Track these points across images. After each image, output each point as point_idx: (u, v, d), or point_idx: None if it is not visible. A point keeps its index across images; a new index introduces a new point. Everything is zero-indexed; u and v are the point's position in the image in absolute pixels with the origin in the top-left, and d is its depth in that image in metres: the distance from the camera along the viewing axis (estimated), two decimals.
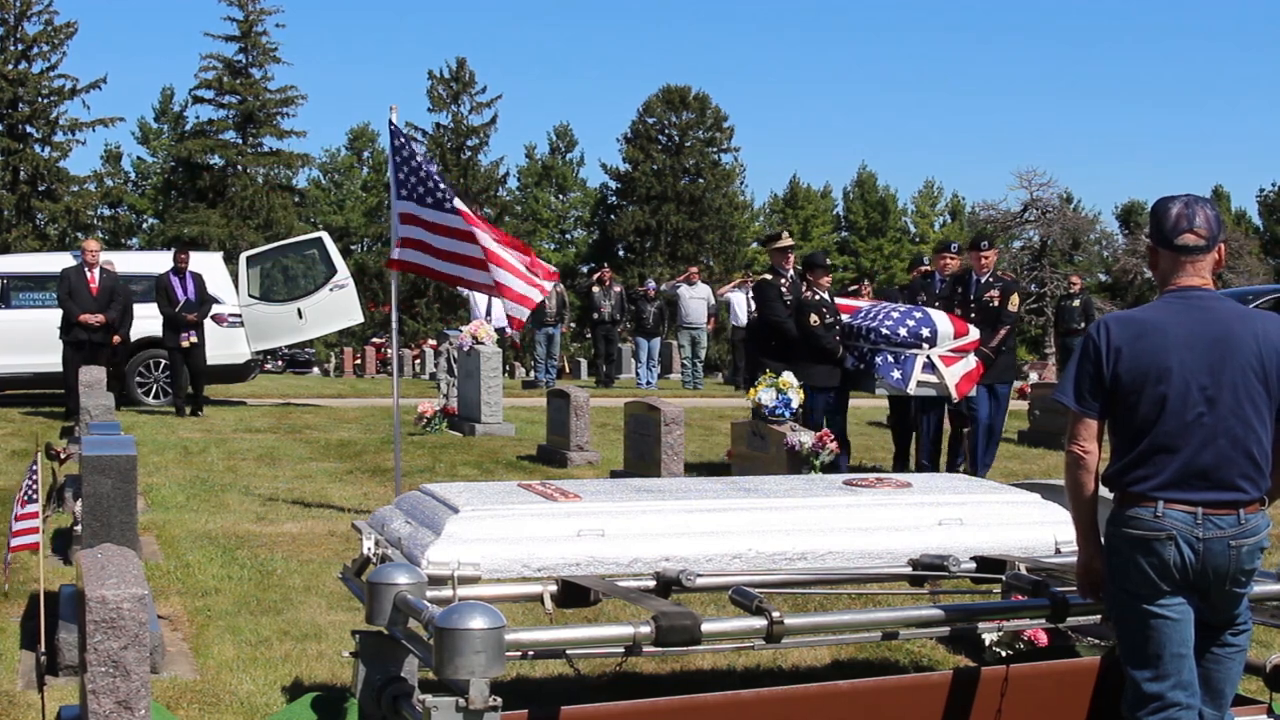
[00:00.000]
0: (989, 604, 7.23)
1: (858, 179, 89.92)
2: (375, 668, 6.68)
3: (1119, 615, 6.13)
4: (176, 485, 15.57)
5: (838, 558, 7.26)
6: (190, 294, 21.06)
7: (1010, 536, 7.51)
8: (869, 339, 15.27)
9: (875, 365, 15.27)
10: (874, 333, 15.19)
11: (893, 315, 15.38)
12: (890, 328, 15.12)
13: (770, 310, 15.94)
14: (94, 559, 6.70)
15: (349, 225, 78.00)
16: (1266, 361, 5.92)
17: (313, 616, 9.98)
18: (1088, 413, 6.05)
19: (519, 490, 7.67)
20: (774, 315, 15.85)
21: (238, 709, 7.96)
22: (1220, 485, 5.88)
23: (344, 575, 7.71)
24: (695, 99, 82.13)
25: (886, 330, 15.13)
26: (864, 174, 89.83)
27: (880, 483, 8.39)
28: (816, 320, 15.52)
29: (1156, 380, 5.89)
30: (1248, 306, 6.50)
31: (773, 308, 15.87)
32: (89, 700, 6.13)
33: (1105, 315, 6.46)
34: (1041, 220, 74.96)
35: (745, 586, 6.76)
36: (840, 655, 8.72)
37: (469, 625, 5.79)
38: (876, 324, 15.30)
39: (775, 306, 15.77)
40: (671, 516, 7.26)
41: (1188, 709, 5.92)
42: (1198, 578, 5.90)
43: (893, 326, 15.13)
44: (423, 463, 17.53)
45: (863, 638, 7.49)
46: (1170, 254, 6.12)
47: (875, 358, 15.27)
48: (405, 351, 46.54)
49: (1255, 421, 5.91)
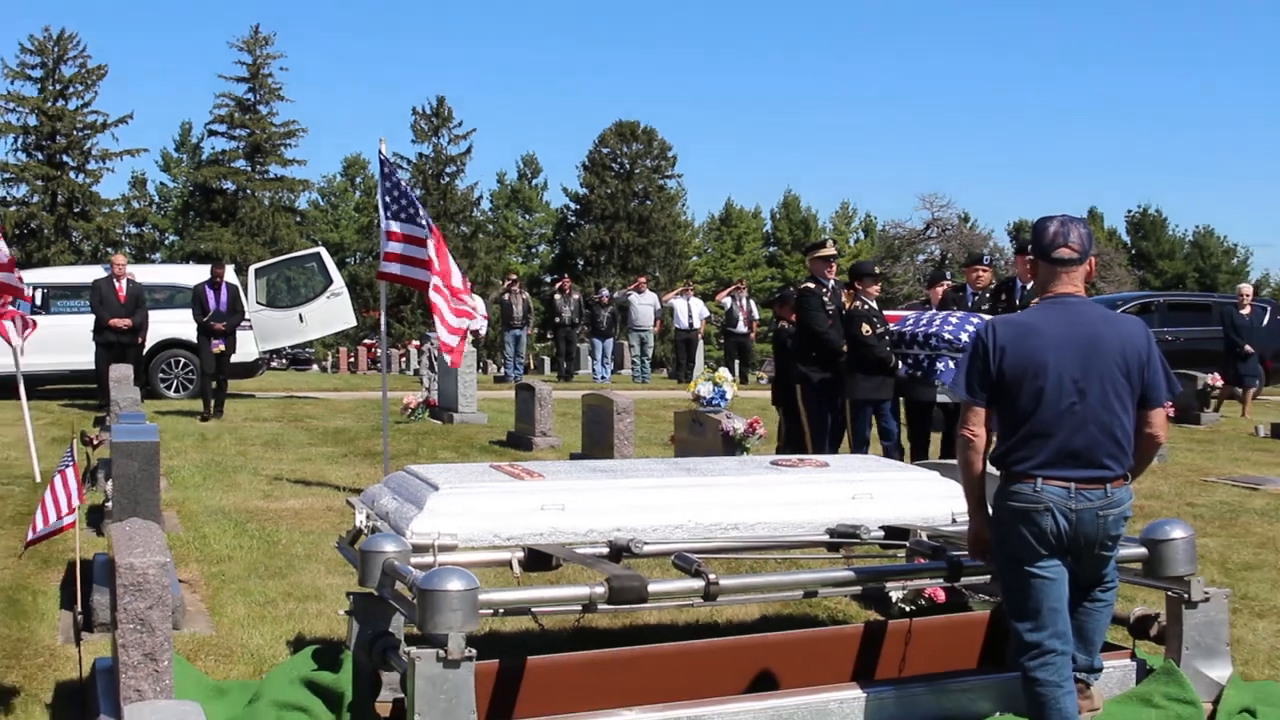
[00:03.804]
0: (895, 566, 7.27)
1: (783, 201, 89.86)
2: (367, 624, 6.70)
3: (1004, 575, 6.20)
4: (194, 467, 15.54)
5: (766, 527, 7.29)
6: (222, 305, 20.90)
7: (913, 509, 7.54)
8: (929, 345, 13.83)
9: (937, 371, 13.78)
10: (935, 338, 13.76)
11: (951, 320, 14.04)
12: (952, 332, 13.69)
13: (813, 320, 14.09)
14: (123, 531, 6.70)
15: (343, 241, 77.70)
16: (1128, 358, 6.02)
17: (313, 580, 9.98)
18: (977, 402, 6.13)
19: (491, 470, 7.68)
20: (817, 325, 14.04)
21: (248, 660, 7.96)
22: (1090, 464, 5.96)
23: (340, 544, 7.73)
24: (643, 132, 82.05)
25: (949, 335, 13.66)
26: (789, 197, 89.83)
27: (802, 463, 8.40)
28: (868, 329, 14.01)
29: (1035, 375, 5.97)
30: (1114, 311, 6.59)
31: (815, 318, 14.09)
32: (119, 653, 6.14)
33: (992, 319, 6.54)
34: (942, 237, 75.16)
35: (686, 553, 6.80)
36: (768, 611, 8.76)
37: (448, 587, 5.84)
38: (937, 329, 13.88)
39: (818, 316, 14.08)
40: (622, 493, 7.28)
41: (1062, 655, 6.00)
42: (1071, 543, 5.99)
43: (954, 331, 13.71)
44: (408, 447, 17.51)
45: (787, 596, 7.53)
46: (1048, 265, 6.21)
47: (937, 364, 13.78)
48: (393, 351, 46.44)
49: (1119, 409, 6.00)
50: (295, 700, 6.64)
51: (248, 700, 6.86)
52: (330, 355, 53.60)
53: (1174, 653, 6.98)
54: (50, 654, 8.09)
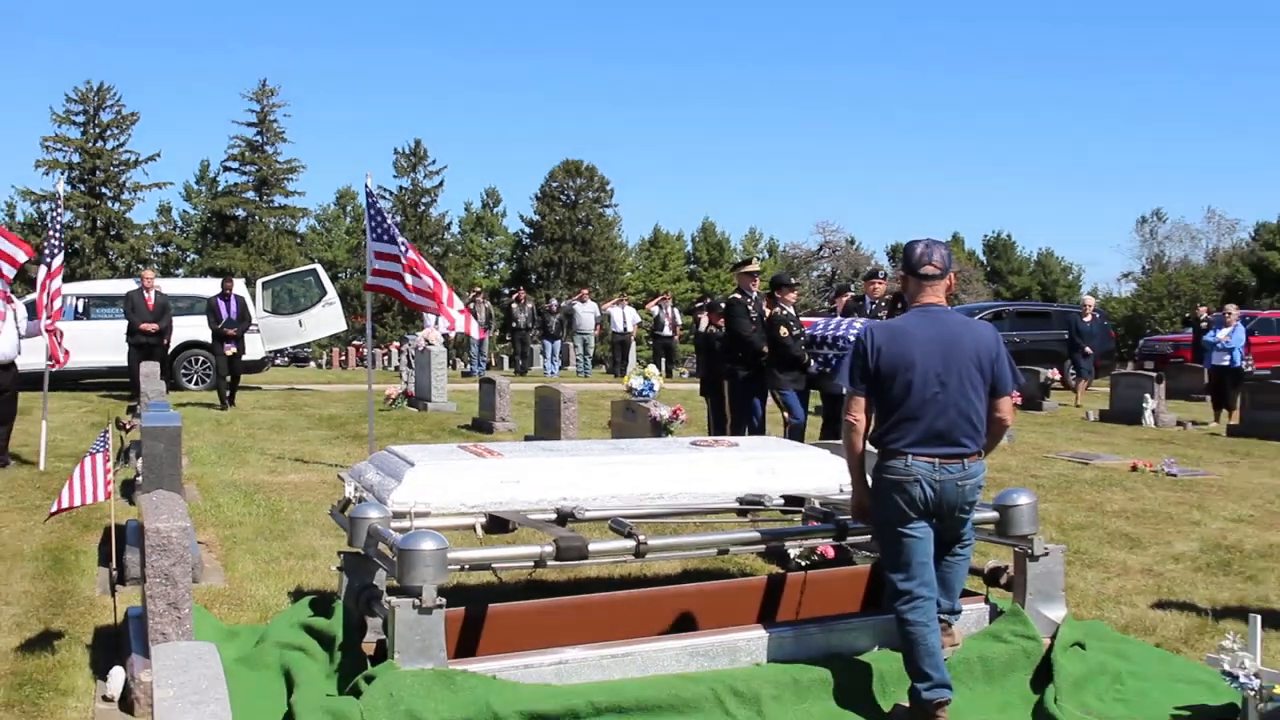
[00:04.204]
0: (793, 528, 7.28)
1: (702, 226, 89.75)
2: (355, 578, 6.68)
3: (881, 535, 6.23)
4: (211, 448, 15.44)
5: (687, 497, 7.29)
6: (233, 313, 20.79)
7: (808, 481, 7.56)
8: (836, 346, 13.79)
9: None
10: (842, 340, 13.71)
11: (855, 325, 13.72)
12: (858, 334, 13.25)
13: (739, 325, 14.13)
14: (151, 501, 6.66)
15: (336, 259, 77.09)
16: (981, 356, 6.09)
17: (309, 541, 9.94)
18: (858, 392, 6.17)
19: (458, 450, 7.66)
20: (742, 330, 14.08)
21: (255, 608, 7.93)
22: (951, 443, 6.01)
23: (332, 512, 7.70)
24: (586, 169, 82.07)
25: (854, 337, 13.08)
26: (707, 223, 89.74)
27: (716, 444, 8.40)
28: (786, 332, 13.99)
29: (905, 370, 6.02)
30: (970, 318, 6.64)
31: (741, 323, 14.11)
32: (148, 603, 6.11)
33: (871, 324, 6.58)
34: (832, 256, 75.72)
35: (620, 518, 6.80)
36: (688, 566, 8.78)
37: (422, 546, 5.83)
38: (843, 333, 13.87)
39: (743, 322, 14.10)
40: (568, 469, 7.26)
41: (929, 600, 6.04)
42: (935, 508, 6.04)
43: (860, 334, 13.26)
44: (389, 430, 17.44)
45: (704, 554, 7.55)
46: (916, 280, 6.29)
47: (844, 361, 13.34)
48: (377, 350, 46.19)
49: (974, 398, 6.06)
50: (295, 641, 6.62)
51: (255, 641, 6.85)
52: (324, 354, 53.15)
53: (1020, 598, 7.03)
54: (90, 603, 8.07)
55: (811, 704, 6.13)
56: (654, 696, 5.86)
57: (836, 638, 6.61)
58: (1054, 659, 6.55)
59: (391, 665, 5.70)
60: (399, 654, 5.73)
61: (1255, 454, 16.87)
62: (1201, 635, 7.66)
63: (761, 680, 6.11)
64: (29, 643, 7.16)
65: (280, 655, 6.52)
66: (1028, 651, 6.63)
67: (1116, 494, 12.99)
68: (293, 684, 6.16)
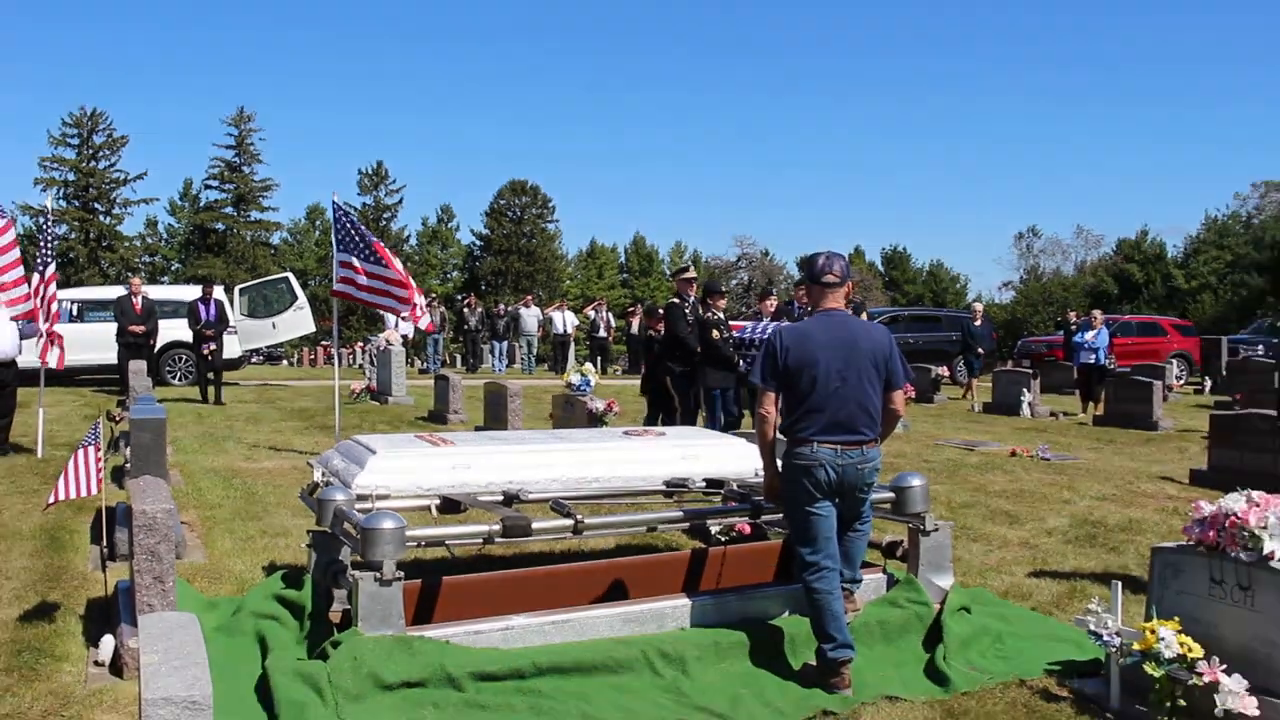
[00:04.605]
0: (714, 508, 7.30)
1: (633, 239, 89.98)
2: (323, 554, 6.64)
3: (790, 513, 6.26)
4: (193, 437, 15.27)
5: (619, 480, 7.29)
6: (211, 316, 20.60)
7: (727, 466, 7.58)
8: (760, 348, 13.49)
9: None
10: None
11: None
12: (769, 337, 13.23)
13: (677, 328, 13.81)
14: (138, 485, 6.59)
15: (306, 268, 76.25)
16: (876, 355, 6.14)
17: (282, 521, 9.86)
18: (769, 388, 6.20)
19: (415, 439, 7.63)
20: (679, 332, 13.82)
21: (233, 581, 7.85)
22: (851, 431, 6.05)
23: (302, 495, 7.64)
24: (530, 188, 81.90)
25: None
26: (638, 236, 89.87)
27: (646, 433, 8.43)
28: (717, 335, 13.84)
29: (810, 367, 6.05)
30: (867, 321, 6.69)
31: (678, 326, 13.85)
32: (135, 577, 6.04)
33: (780, 327, 6.62)
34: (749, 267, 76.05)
35: (560, 499, 6.80)
36: (621, 542, 8.78)
37: (382, 525, 5.81)
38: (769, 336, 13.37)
39: (680, 325, 13.85)
40: (514, 455, 7.26)
41: (833, 570, 6.08)
42: (838, 489, 6.07)
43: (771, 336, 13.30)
44: (353, 421, 17.33)
45: (634, 531, 7.55)
46: (818, 288, 6.33)
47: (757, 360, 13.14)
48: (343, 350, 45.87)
49: (871, 391, 6.10)
50: (269, 611, 6.58)
51: (233, 611, 6.79)
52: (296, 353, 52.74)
53: (913, 568, 7.09)
54: (83, 578, 7.98)
55: (730, 664, 6.15)
56: (590, 658, 5.87)
57: (752, 605, 6.64)
58: (943, 622, 6.61)
59: (355, 632, 5.68)
60: (362, 622, 5.71)
61: (1117, 441, 17.11)
62: (1071, 599, 7.75)
63: (686, 643, 6.13)
64: (27, 613, 7.08)
65: (255, 623, 6.48)
66: (920, 615, 6.69)
67: (998, 476, 13.13)
68: (267, 649, 6.13)
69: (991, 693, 5.96)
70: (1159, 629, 5.54)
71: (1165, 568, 5.97)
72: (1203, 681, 5.33)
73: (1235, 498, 5.68)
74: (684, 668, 6.01)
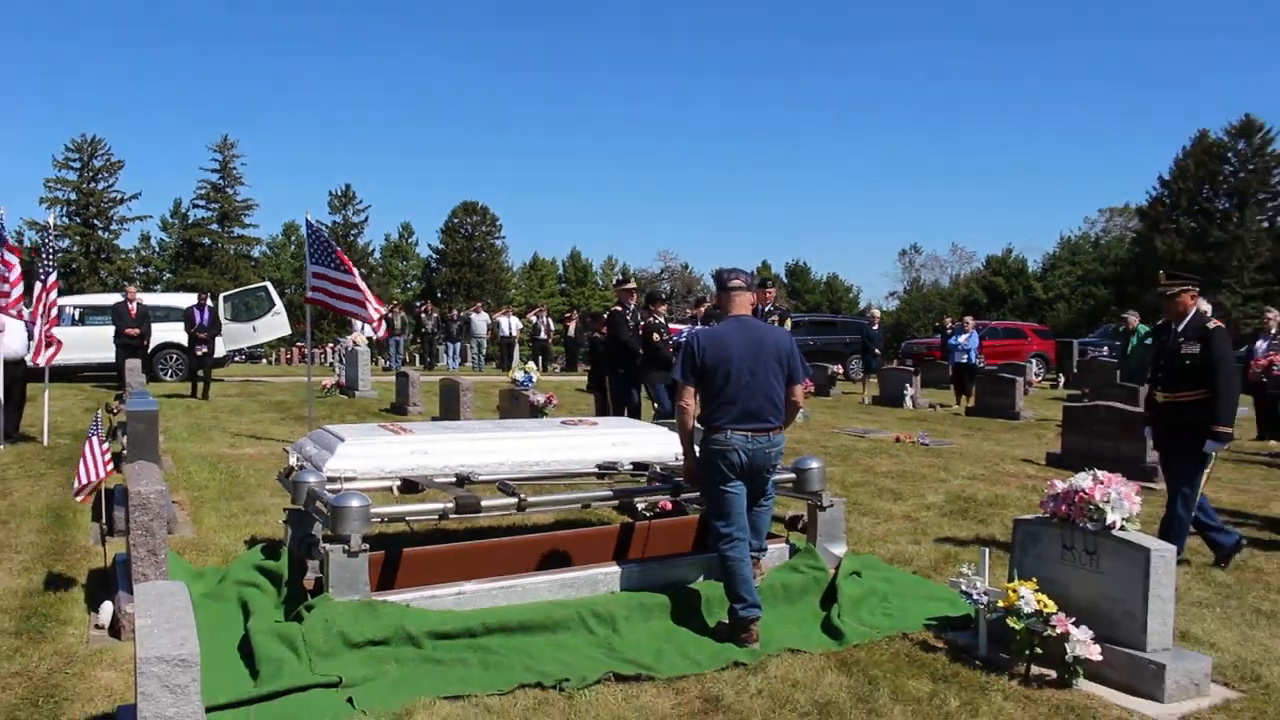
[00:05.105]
0: (640, 488, 7.31)
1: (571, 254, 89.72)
2: (298, 529, 6.57)
3: (707, 492, 6.29)
4: (182, 427, 15.03)
5: (558, 464, 7.28)
6: (205, 320, 20.25)
7: (652, 451, 7.59)
8: None
9: None
10: None
11: None
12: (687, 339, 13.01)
13: (620, 333, 13.53)
14: (134, 469, 6.49)
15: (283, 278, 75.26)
16: (779, 354, 6.18)
17: (262, 501, 9.74)
18: (688, 383, 6.22)
19: (379, 428, 7.58)
20: (622, 336, 13.48)
21: (219, 554, 7.75)
22: (759, 420, 6.08)
23: (280, 477, 7.56)
24: (480, 208, 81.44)
25: None
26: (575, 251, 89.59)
27: (581, 423, 8.43)
28: (658, 338, 13.60)
29: (724, 364, 6.08)
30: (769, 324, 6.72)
31: (621, 330, 13.52)
32: (131, 550, 5.95)
33: (697, 330, 6.66)
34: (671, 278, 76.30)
35: (506, 480, 6.79)
36: (559, 517, 8.75)
37: (350, 504, 5.78)
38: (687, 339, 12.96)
39: (623, 330, 13.52)
40: (466, 442, 7.23)
41: (743, 540, 6.11)
42: (748, 470, 6.11)
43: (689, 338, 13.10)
44: (324, 413, 17.13)
45: (571, 507, 7.55)
46: (726, 295, 6.39)
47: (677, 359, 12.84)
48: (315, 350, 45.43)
49: (776, 385, 6.15)
50: (250, 579, 6.52)
51: (218, 580, 6.72)
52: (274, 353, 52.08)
53: (812, 539, 7.14)
54: (85, 551, 7.87)
55: (655, 623, 6.17)
56: (532, 618, 5.87)
57: (673, 572, 6.65)
58: (837, 584, 6.67)
59: (326, 597, 5.64)
60: (332, 588, 5.68)
61: (986, 429, 17.34)
62: (946, 564, 7.84)
63: (616, 605, 6.14)
64: (35, 583, 6.97)
65: (238, 591, 6.42)
66: (818, 580, 6.74)
67: (884, 459, 13.25)
68: (248, 613, 6.08)
69: (879, 645, 6.02)
70: (1019, 588, 5.63)
71: (1025, 536, 6.07)
72: (1055, 632, 5.43)
73: (1083, 477, 5.79)
74: (614, 626, 6.02)
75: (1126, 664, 5.39)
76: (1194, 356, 7.62)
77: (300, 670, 5.21)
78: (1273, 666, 5.79)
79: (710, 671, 5.55)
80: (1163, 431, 7.90)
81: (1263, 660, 5.89)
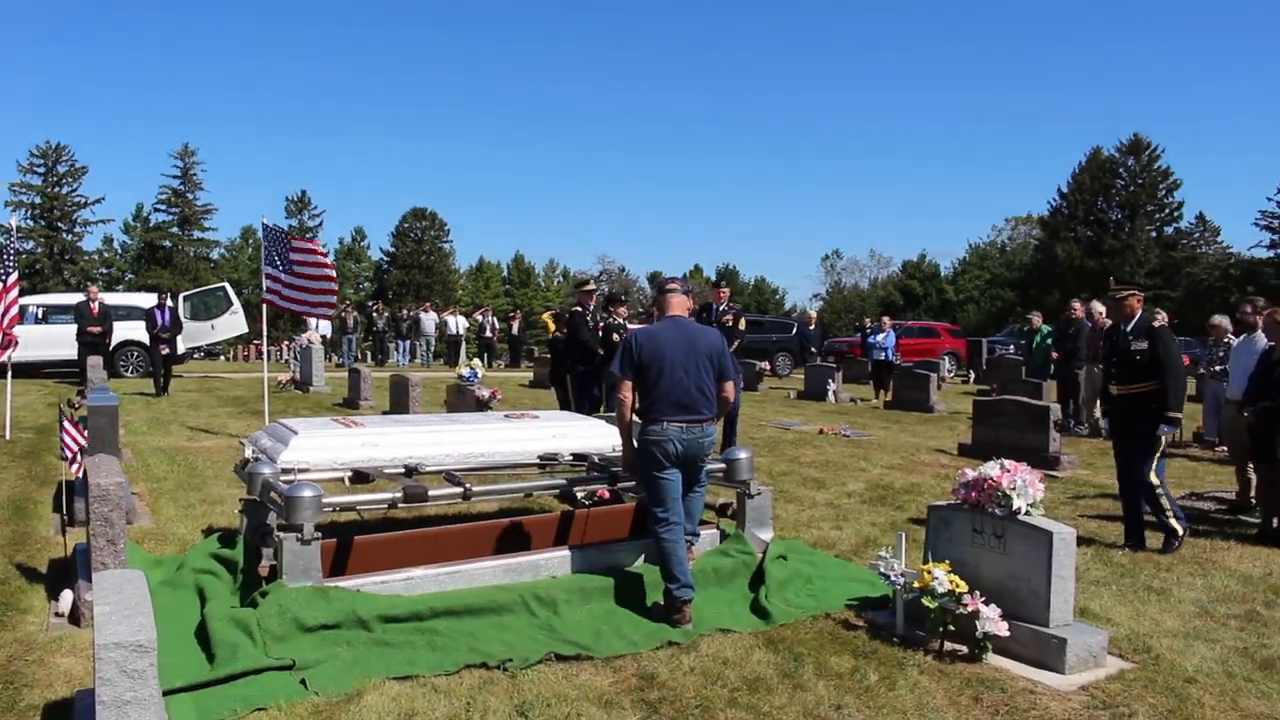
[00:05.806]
0: (580, 477, 7.28)
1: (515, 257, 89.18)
2: (253, 518, 6.47)
3: (645, 480, 6.29)
4: (141, 421, 14.75)
5: (502, 455, 7.24)
6: (165, 320, 19.87)
7: (591, 442, 7.58)
8: None
9: None
10: None
11: None
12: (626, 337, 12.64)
13: (580, 333, 13.29)
14: (94, 461, 6.34)
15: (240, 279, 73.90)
16: (711, 352, 6.21)
17: (219, 492, 9.59)
18: (626, 378, 6.21)
19: (331, 422, 7.48)
20: (582, 336, 13.23)
21: (177, 543, 7.61)
22: (693, 412, 6.10)
23: (235, 469, 7.44)
24: (430, 214, 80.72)
25: None
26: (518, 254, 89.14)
27: (524, 416, 8.39)
28: (617, 337, 13.06)
29: (660, 361, 6.10)
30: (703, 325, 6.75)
31: (581, 331, 13.28)
32: (91, 540, 5.81)
33: (636, 329, 6.66)
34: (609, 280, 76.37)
35: (453, 471, 6.75)
36: (503, 506, 8.70)
37: (303, 494, 5.70)
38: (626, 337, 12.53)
39: (583, 330, 13.28)
40: (414, 435, 7.16)
41: (678, 525, 6.12)
42: (683, 459, 6.12)
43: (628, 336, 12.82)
44: (280, 407, 16.92)
45: (514, 496, 7.49)
46: (664, 298, 6.41)
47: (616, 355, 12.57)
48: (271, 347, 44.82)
49: (708, 381, 6.17)
50: (207, 567, 6.41)
51: (176, 568, 6.60)
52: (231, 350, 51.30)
53: (741, 525, 7.17)
54: (45, 541, 7.67)
55: (594, 604, 6.15)
56: (477, 602, 5.82)
57: (611, 557, 6.64)
58: (765, 567, 6.69)
59: (280, 584, 5.56)
60: (286, 575, 5.59)
61: (903, 421, 17.55)
62: (865, 548, 7.91)
63: (557, 588, 6.12)
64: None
65: (195, 578, 6.31)
66: (747, 563, 6.76)
67: (808, 450, 13.36)
68: (205, 599, 5.97)
69: (804, 624, 6.05)
70: (934, 570, 5.69)
71: (938, 521, 6.13)
72: (967, 610, 5.49)
73: (992, 465, 5.87)
74: (555, 609, 5.99)
75: (1031, 639, 5.47)
76: (1143, 352, 7.98)
77: (255, 654, 5.13)
78: (1162, 639, 5.91)
79: (646, 651, 5.55)
80: (1119, 421, 8.22)
81: (1153, 634, 6.01)
